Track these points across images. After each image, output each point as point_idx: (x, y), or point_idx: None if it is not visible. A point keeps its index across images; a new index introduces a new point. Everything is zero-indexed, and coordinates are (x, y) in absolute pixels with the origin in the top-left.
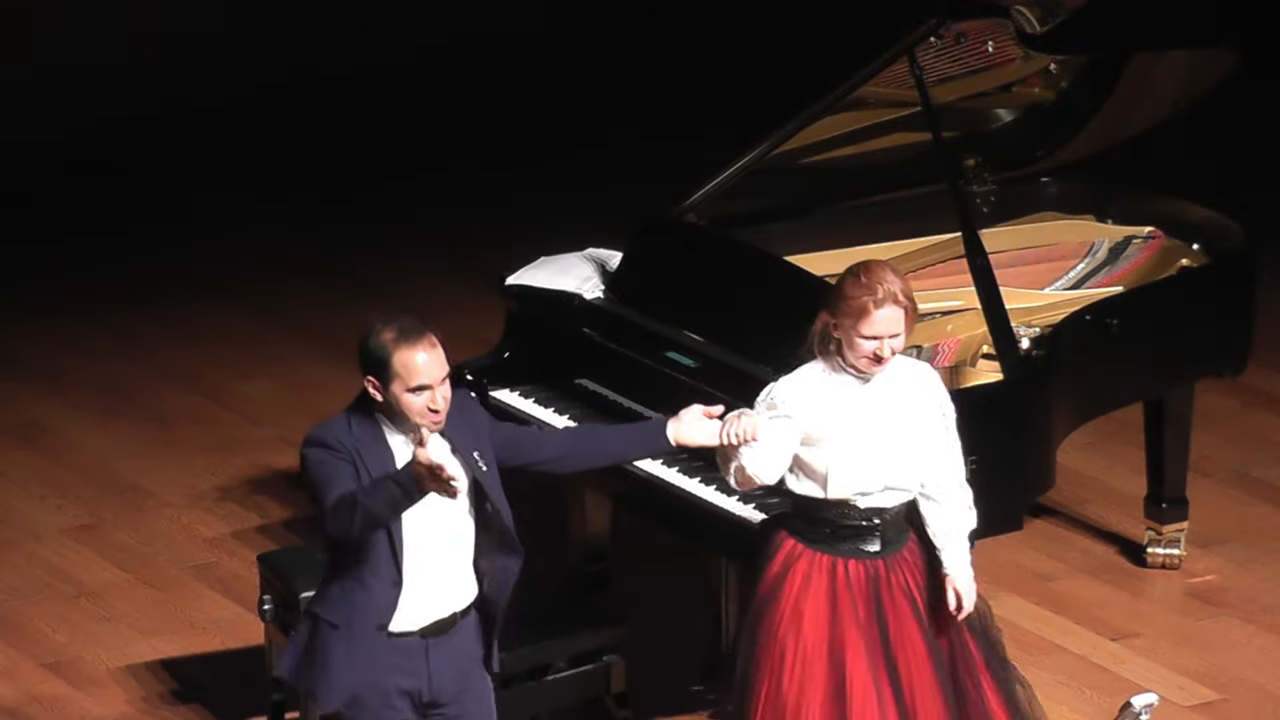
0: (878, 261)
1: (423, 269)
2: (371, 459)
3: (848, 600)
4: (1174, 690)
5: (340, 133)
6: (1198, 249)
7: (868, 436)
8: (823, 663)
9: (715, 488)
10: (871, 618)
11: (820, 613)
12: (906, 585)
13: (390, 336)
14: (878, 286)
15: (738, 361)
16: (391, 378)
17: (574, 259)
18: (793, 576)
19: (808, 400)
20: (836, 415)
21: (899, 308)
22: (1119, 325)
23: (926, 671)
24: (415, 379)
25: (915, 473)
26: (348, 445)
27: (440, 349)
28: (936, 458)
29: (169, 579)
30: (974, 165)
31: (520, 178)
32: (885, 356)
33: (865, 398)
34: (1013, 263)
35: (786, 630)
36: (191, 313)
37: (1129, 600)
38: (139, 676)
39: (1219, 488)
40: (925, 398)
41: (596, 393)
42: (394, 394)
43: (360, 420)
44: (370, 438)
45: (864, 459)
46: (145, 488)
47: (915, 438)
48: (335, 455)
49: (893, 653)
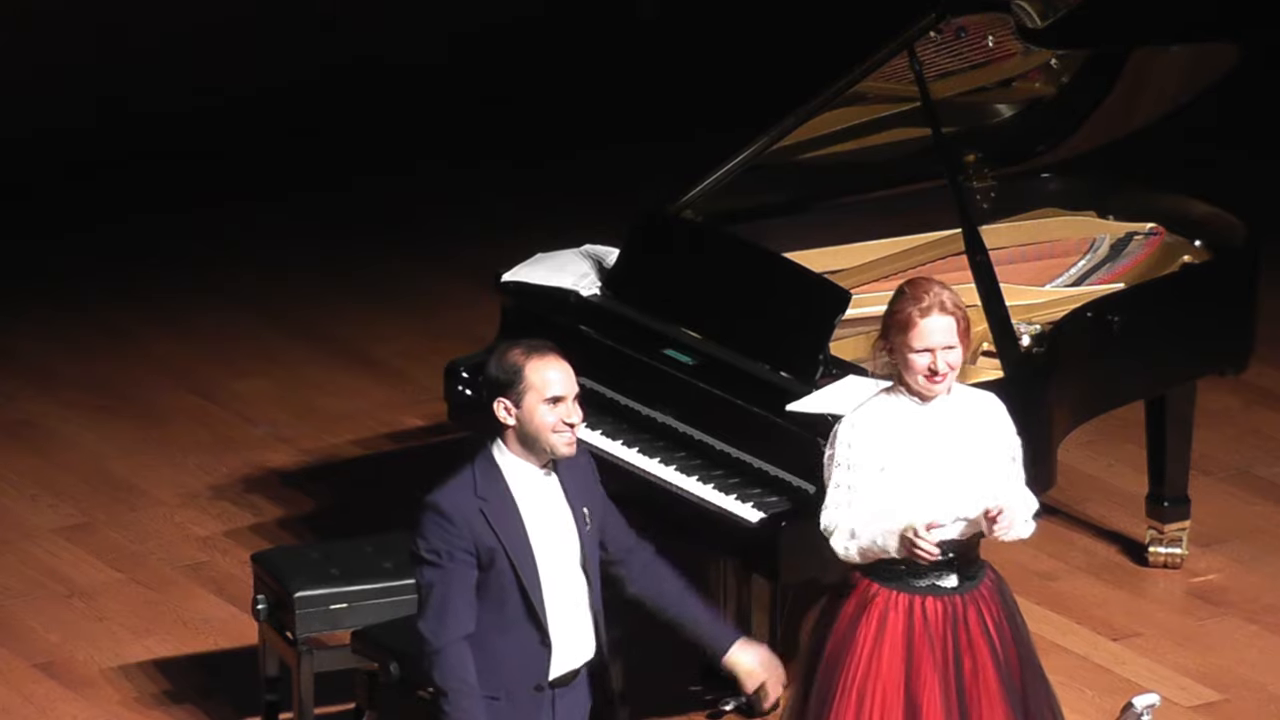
0: (924, 276)
1: (420, 266)
2: (498, 518)
3: (925, 641)
4: (1176, 691)
5: (338, 130)
6: (1200, 245)
7: (935, 465)
8: (899, 706)
9: (713, 486)
10: (949, 658)
11: (897, 655)
12: (984, 623)
13: (520, 353)
14: (923, 295)
15: (736, 359)
16: (525, 391)
17: (571, 255)
18: (869, 618)
19: (876, 435)
20: (903, 446)
21: (948, 315)
22: (1120, 322)
23: (1000, 711)
24: (550, 389)
25: (985, 501)
26: (468, 518)
27: (569, 367)
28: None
29: (162, 578)
30: (974, 161)
31: (517, 175)
32: (941, 370)
33: (930, 426)
34: (1013, 259)
35: (865, 674)
36: (186, 310)
37: (1130, 600)
38: (131, 677)
39: (1221, 486)
40: (991, 426)
41: (594, 391)
42: (527, 410)
43: (485, 474)
44: (497, 496)
45: (933, 488)
46: (138, 486)
47: (982, 465)
48: (452, 544)
49: (966, 695)
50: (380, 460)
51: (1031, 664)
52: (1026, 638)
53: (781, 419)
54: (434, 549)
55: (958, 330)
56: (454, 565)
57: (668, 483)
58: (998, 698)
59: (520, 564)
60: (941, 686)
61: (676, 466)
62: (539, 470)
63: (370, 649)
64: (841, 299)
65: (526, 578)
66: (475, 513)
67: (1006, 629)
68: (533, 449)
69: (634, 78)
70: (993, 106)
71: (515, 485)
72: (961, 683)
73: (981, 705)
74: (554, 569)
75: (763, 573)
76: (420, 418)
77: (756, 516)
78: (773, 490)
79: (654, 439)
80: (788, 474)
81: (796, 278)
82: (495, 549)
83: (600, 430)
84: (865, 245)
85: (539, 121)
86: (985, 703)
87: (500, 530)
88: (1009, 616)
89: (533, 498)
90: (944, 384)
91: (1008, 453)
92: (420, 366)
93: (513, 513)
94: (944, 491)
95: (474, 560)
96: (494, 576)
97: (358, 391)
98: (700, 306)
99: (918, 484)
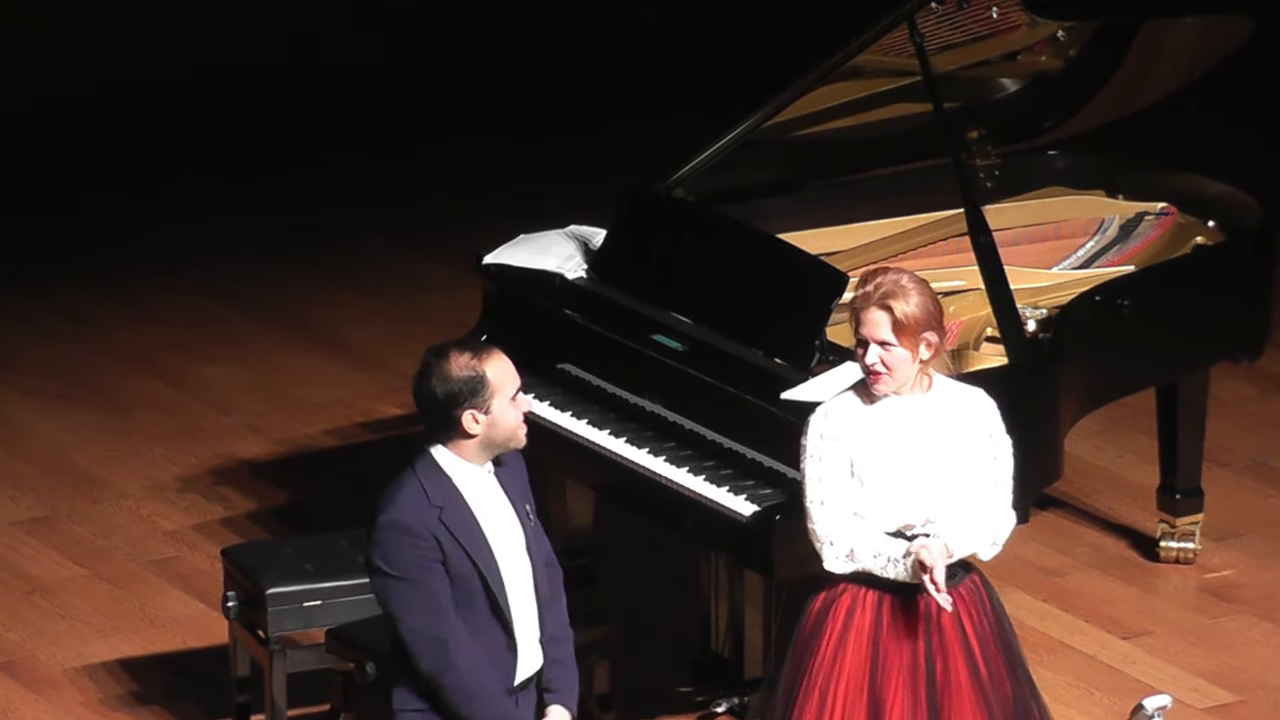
0: (887, 267)
1: (395, 248)
2: (455, 523)
3: (893, 640)
4: (1188, 692)
5: (308, 112)
6: (1214, 226)
7: (907, 462)
8: (863, 707)
9: (704, 478)
10: (919, 658)
11: (861, 654)
12: (960, 627)
13: (468, 357)
14: (865, 285)
15: (727, 345)
16: (492, 394)
17: (555, 236)
18: (835, 614)
19: (848, 426)
20: (875, 439)
21: (881, 311)
22: (1130, 306)
23: (975, 712)
24: (510, 385)
25: (961, 504)
26: (430, 529)
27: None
28: (979, 489)
29: (127, 574)
30: (977, 138)
31: (497, 153)
32: (871, 365)
33: (906, 420)
34: (1018, 240)
35: (828, 673)
36: (150, 294)
37: (1140, 597)
38: (96, 677)
39: (1236, 478)
40: (973, 424)
41: (579, 378)
42: (496, 414)
43: (433, 481)
44: (450, 501)
45: (904, 487)
46: (102, 478)
47: (957, 467)
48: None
49: (938, 697)
50: (356, 451)
51: (1017, 674)
52: (1013, 646)
53: (776, 407)
54: (403, 568)
55: (895, 329)
56: (430, 578)
57: (657, 474)
58: (970, 704)
59: (484, 566)
60: (909, 687)
61: (666, 457)
62: (482, 471)
63: (346, 648)
64: (838, 282)
65: (492, 580)
66: (435, 522)
67: (988, 634)
68: (487, 450)
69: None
70: (997, 81)
71: (464, 488)
72: (933, 685)
73: (953, 710)
74: (510, 569)
75: (756, 568)
76: (397, 406)
77: (750, 509)
78: (767, 482)
79: (642, 428)
80: (782, 465)
81: (791, 260)
82: (458, 555)
83: (586, 420)
84: (863, 226)
85: (523, 98)
86: (957, 707)
87: (461, 535)
88: (993, 622)
89: (481, 499)
90: (883, 383)
91: (989, 453)
92: (397, 352)
93: (468, 516)
94: (915, 491)
95: (444, 570)
96: (459, 583)
97: (332, 379)
98: (691, 290)
99: (887, 481)
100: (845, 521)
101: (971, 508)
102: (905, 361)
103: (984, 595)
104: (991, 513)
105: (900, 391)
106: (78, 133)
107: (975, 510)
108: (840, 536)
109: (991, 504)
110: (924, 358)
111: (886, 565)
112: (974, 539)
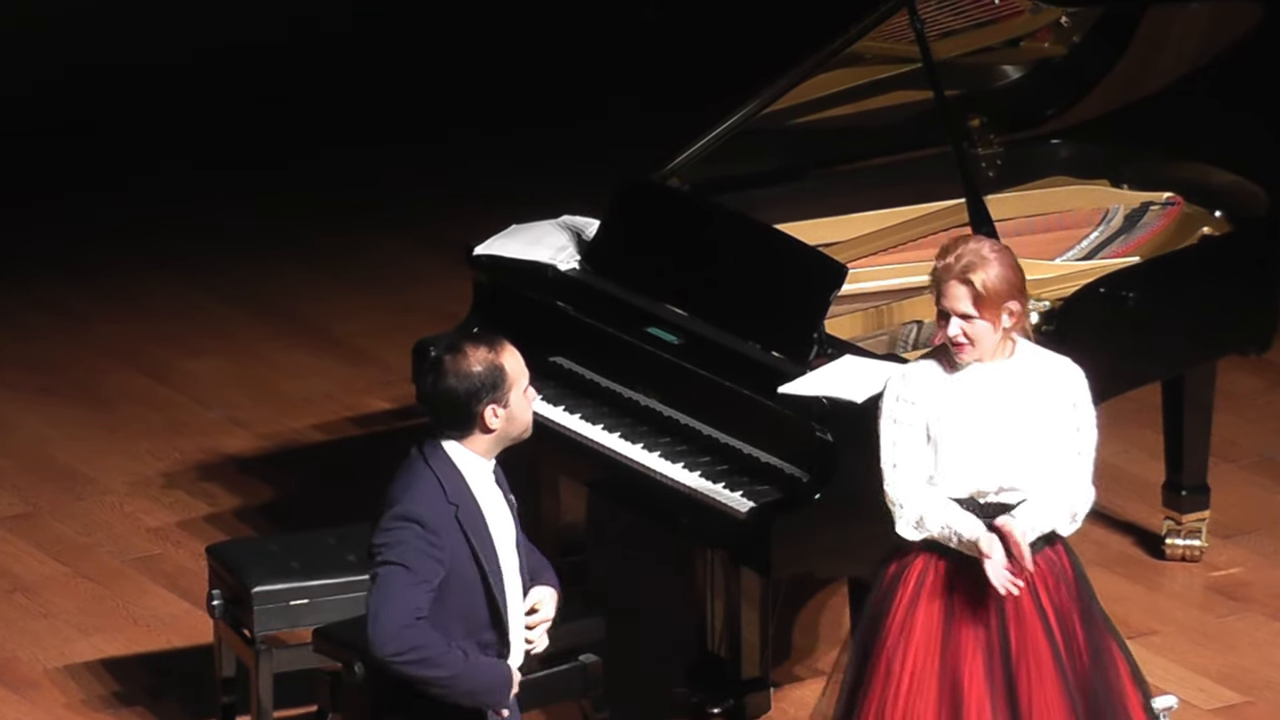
0: (971, 235)
1: (385, 239)
2: (469, 523)
3: (966, 610)
4: (1194, 692)
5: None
6: (1220, 216)
7: (984, 428)
8: (934, 678)
9: (699, 474)
10: (993, 629)
11: (934, 623)
12: (1036, 596)
13: (484, 351)
14: (946, 256)
15: (725, 338)
16: (511, 387)
17: (548, 227)
18: (906, 583)
19: (926, 389)
20: (952, 403)
21: (962, 285)
22: (1135, 299)
23: (1050, 688)
24: (525, 375)
25: (1040, 473)
26: (447, 527)
27: None
28: (1058, 460)
29: (111, 572)
30: (979, 126)
31: (489, 143)
32: (954, 337)
33: (986, 385)
34: (1020, 231)
35: (895, 642)
36: (135, 285)
37: (1146, 595)
38: (78, 677)
39: (1243, 474)
40: (1057, 393)
41: (572, 371)
42: (514, 407)
43: (448, 478)
44: (464, 500)
45: (980, 453)
46: (85, 474)
47: (1037, 436)
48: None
49: (1014, 667)
50: (344, 446)
51: (1099, 649)
52: (1096, 620)
53: (773, 402)
54: (408, 556)
55: (974, 300)
56: (432, 574)
57: (652, 470)
58: (1050, 674)
59: (489, 566)
60: (984, 658)
61: (661, 453)
62: (489, 466)
63: (333, 648)
64: (837, 274)
65: (495, 583)
66: (451, 520)
67: (1067, 606)
68: (500, 445)
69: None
70: (999, 68)
71: (474, 485)
72: (1007, 656)
73: (1031, 681)
74: (508, 567)
75: (753, 566)
76: (387, 400)
77: (746, 506)
78: (763, 478)
79: (637, 423)
80: (780, 461)
81: (789, 251)
82: (465, 556)
83: (580, 414)
84: (863, 216)
85: (515, 87)
86: (1035, 678)
87: (473, 535)
88: (1073, 595)
89: (487, 496)
90: (967, 354)
91: (1072, 423)
92: (386, 346)
93: (479, 515)
94: (991, 457)
95: (443, 573)
96: (458, 585)
97: (320, 372)
98: (686, 281)
99: (963, 446)
100: (918, 486)
101: (1051, 482)
102: (988, 332)
103: (1065, 566)
104: (1071, 487)
105: (984, 358)
106: (60, 121)
107: (1054, 485)
108: (911, 501)
109: (1072, 478)
110: (1006, 326)
111: (951, 539)
112: (1053, 515)
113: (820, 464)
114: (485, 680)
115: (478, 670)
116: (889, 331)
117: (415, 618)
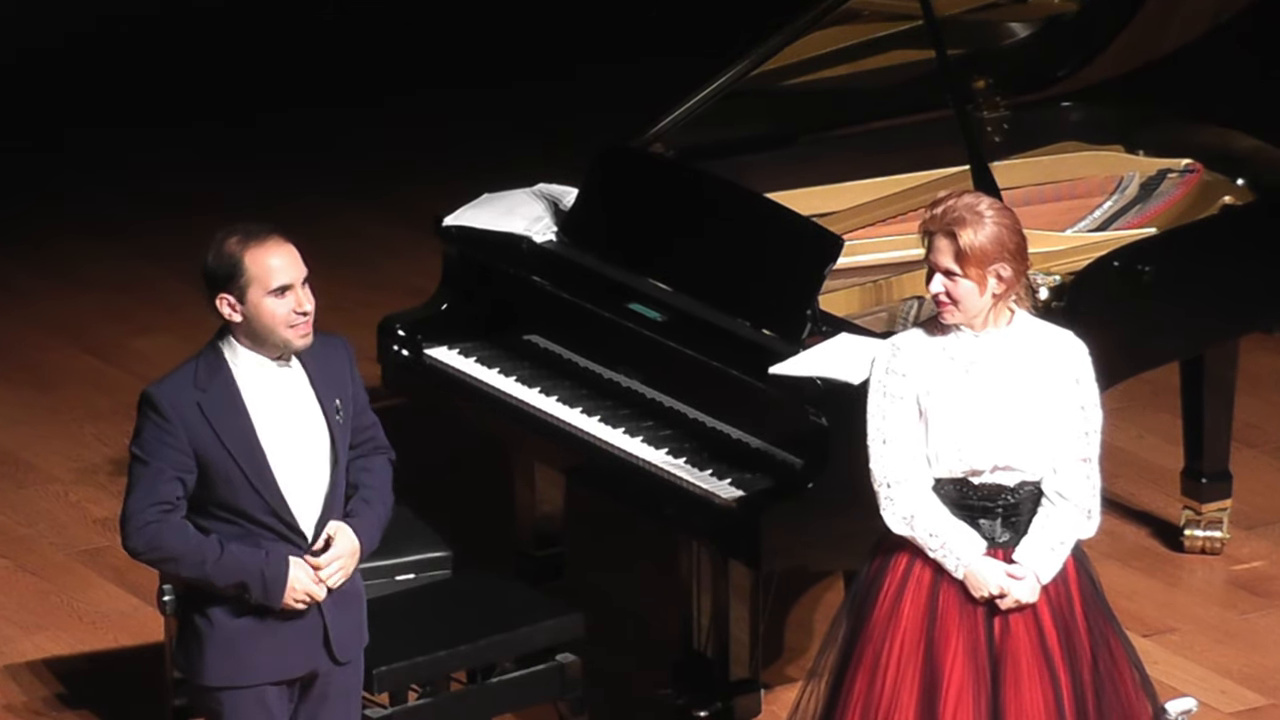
0: (971, 190)
1: (348, 207)
2: (215, 411)
3: (953, 597)
4: (1215, 694)
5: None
6: (1243, 184)
7: (976, 406)
8: (917, 666)
9: (685, 460)
10: (978, 617)
11: (918, 611)
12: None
13: (236, 241)
14: (935, 207)
15: (710, 315)
16: (248, 284)
17: (522, 196)
18: (893, 570)
19: (917, 360)
20: (945, 376)
21: (946, 238)
22: (1152, 273)
23: (1034, 682)
24: (274, 279)
25: (1038, 452)
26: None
27: (294, 248)
28: (1061, 441)
29: (54, 566)
30: (984, 87)
31: (459, 103)
32: (936, 294)
33: (982, 359)
34: (1029, 200)
35: (881, 631)
36: (79, 260)
37: (1163, 590)
38: (19, 678)
39: (1267, 460)
40: (1059, 368)
41: (548, 350)
42: (253, 305)
43: (209, 366)
44: (219, 389)
45: (972, 431)
46: (26, 460)
47: (1035, 411)
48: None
49: (998, 656)
50: None
51: (1101, 649)
52: (1099, 621)
53: (763, 383)
54: (144, 445)
55: (956, 256)
56: (169, 464)
57: (634, 456)
58: (1031, 673)
59: (243, 459)
60: (966, 647)
61: (644, 438)
62: (272, 363)
63: None
64: (832, 246)
65: (253, 474)
66: (191, 406)
67: (1065, 604)
68: (265, 343)
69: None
70: (1006, 25)
71: (243, 378)
72: (993, 651)
73: (1015, 671)
74: (295, 465)
75: (742, 559)
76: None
77: (735, 495)
78: (753, 466)
79: (618, 406)
80: (771, 447)
81: (781, 222)
82: (211, 444)
83: (556, 396)
84: (860, 185)
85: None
86: (1014, 677)
87: (217, 424)
88: (1074, 593)
89: (264, 391)
90: (949, 314)
91: (1075, 400)
92: (350, 322)
93: (235, 406)
94: (985, 433)
95: (188, 460)
96: (216, 474)
97: None
98: (670, 254)
99: (955, 421)
100: (909, 469)
101: (1052, 487)
102: (972, 294)
103: (1068, 563)
104: (1078, 483)
105: (975, 326)
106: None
107: (1058, 488)
108: (901, 486)
109: (1077, 468)
110: (996, 292)
111: (939, 551)
112: (1068, 527)
113: (814, 450)
114: (243, 572)
115: (231, 561)
116: (887, 308)
117: (161, 511)
